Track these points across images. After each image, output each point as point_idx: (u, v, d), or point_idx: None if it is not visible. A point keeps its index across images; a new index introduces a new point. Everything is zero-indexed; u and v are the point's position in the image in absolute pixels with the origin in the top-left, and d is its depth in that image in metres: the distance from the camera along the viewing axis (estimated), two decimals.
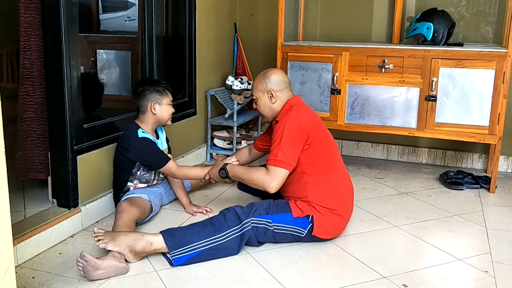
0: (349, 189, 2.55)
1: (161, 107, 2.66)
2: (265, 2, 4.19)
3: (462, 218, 2.81)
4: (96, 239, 2.12)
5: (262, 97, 2.52)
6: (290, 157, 2.30)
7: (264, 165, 2.41)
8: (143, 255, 2.21)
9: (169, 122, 2.75)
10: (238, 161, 2.68)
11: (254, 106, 2.60)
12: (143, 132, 2.63)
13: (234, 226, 2.26)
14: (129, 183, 2.67)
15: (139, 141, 2.59)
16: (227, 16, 4.14)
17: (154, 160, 2.63)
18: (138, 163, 2.64)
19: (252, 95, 2.58)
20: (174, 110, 2.75)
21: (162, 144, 2.79)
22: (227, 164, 2.51)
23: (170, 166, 2.62)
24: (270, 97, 2.49)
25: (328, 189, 2.39)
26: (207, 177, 2.58)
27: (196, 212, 2.78)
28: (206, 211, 2.78)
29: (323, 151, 2.40)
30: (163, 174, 2.77)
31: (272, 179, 2.29)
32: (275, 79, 2.49)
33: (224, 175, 2.49)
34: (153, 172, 2.72)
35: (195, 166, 2.69)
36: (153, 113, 2.65)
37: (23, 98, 2.39)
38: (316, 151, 2.37)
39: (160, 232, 2.23)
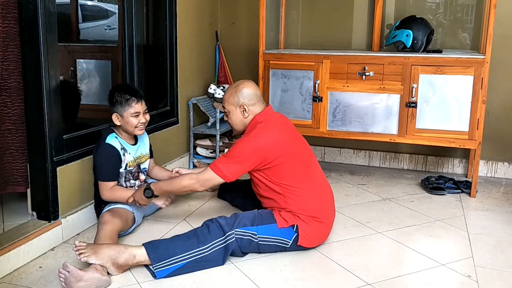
0: (329, 195, 2.55)
1: (123, 119, 2.58)
2: (246, 11, 4.20)
3: (444, 223, 2.84)
4: (77, 252, 2.09)
5: (234, 111, 2.48)
6: (230, 170, 2.31)
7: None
8: (125, 268, 2.17)
9: (139, 133, 2.64)
10: (178, 173, 2.74)
11: (225, 118, 2.55)
12: (115, 137, 2.59)
13: (218, 237, 2.24)
14: None
15: (103, 145, 2.56)
16: (208, 25, 4.14)
17: (101, 169, 2.55)
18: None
19: (223, 107, 2.53)
20: (144, 120, 2.62)
21: (140, 149, 2.74)
22: (150, 183, 2.46)
23: (107, 184, 2.53)
24: (243, 111, 2.45)
25: (308, 198, 2.39)
26: (130, 200, 2.48)
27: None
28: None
29: (293, 164, 2.38)
30: (139, 181, 2.73)
31: (201, 181, 2.34)
32: (247, 93, 2.45)
33: (150, 195, 2.42)
34: (123, 182, 2.66)
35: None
36: (117, 124, 2.61)
37: (1, 110, 2.35)
38: (285, 166, 2.36)
39: (143, 244, 2.20)
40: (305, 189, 2.39)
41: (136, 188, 2.73)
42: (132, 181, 2.70)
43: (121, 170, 2.62)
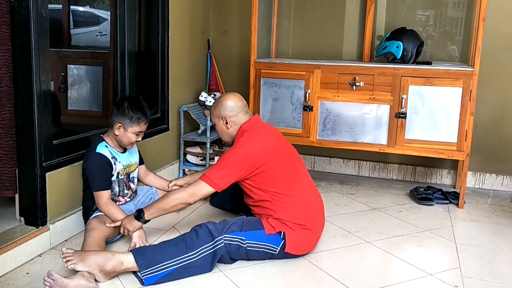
0: (318, 204, 2.56)
1: (124, 133, 2.59)
2: (238, 19, 4.22)
3: (432, 233, 2.86)
4: (64, 259, 2.07)
5: (218, 123, 2.57)
6: (221, 179, 2.33)
7: None
8: (113, 275, 2.16)
9: (129, 147, 2.68)
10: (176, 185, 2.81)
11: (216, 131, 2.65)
12: (105, 146, 2.59)
13: (207, 243, 2.24)
14: None
15: (93, 155, 2.55)
16: (200, 33, 4.15)
17: (94, 179, 2.53)
18: None
19: (211, 121, 2.60)
20: (139, 140, 2.65)
21: (129, 158, 2.73)
22: (142, 208, 2.42)
23: (103, 194, 2.51)
24: (225, 123, 2.53)
25: (295, 206, 2.40)
26: (118, 223, 2.43)
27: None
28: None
29: (281, 172, 2.41)
30: (130, 192, 2.73)
31: (193, 194, 2.33)
32: (228, 105, 2.52)
33: (141, 215, 2.38)
34: (116, 189, 2.66)
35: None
36: (115, 133, 2.61)
37: None
38: (273, 173, 2.39)
39: (130, 250, 2.19)
40: (293, 196, 2.41)
41: (128, 199, 2.73)
42: (125, 191, 2.70)
43: (113, 178, 2.61)
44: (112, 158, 2.60)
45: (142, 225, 2.43)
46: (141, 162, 2.90)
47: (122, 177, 2.67)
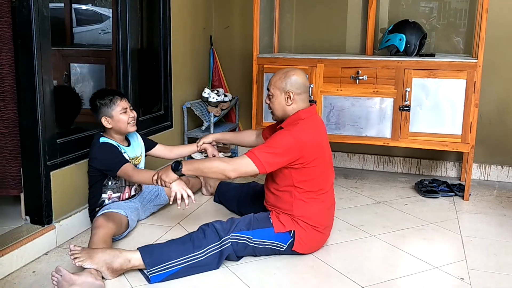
0: (333, 206, 2.54)
1: (113, 120, 2.60)
2: (240, 15, 4.21)
3: (438, 226, 2.85)
4: (72, 257, 2.08)
5: (278, 96, 2.41)
6: (268, 161, 2.22)
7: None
8: (120, 272, 2.17)
9: (132, 129, 2.66)
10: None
11: (267, 101, 2.49)
12: (106, 138, 2.62)
13: (214, 242, 2.23)
14: (103, 195, 2.64)
15: (100, 145, 2.58)
16: (202, 29, 4.15)
17: (111, 162, 2.55)
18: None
19: (267, 89, 2.46)
20: (133, 115, 2.65)
21: (134, 151, 2.75)
22: (181, 162, 2.35)
23: (126, 168, 2.53)
24: (287, 98, 2.38)
25: (314, 208, 2.37)
26: (154, 177, 2.34)
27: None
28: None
29: (317, 174, 2.35)
30: (137, 185, 2.74)
31: (236, 166, 2.21)
32: (296, 80, 2.38)
33: (178, 167, 2.27)
34: (123, 179, 2.67)
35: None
36: (108, 127, 2.62)
37: None
38: (311, 172, 2.33)
39: (138, 248, 2.19)
40: (314, 200, 2.37)
41: (134, 193, 2.75)
42: (118, 183, 2.71)
43: None
44: (118, 146, 2.63)
45: (178, 178, 2.32)
46: (153, 144, 2.92)
47: None
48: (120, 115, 2.60)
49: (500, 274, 2.28)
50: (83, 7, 4.42)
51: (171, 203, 2.36)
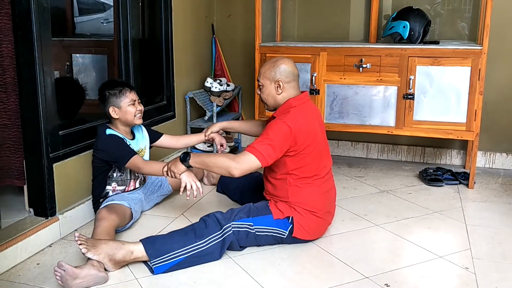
0: (333, 192, 2.54)
1: (121, 110, 2.60)
2: (242, 3, 4.17)
3: (442, 215, 2.84)
4: (78, 242, 2.08)
5: (268, 86, 2.43)
6: (269, 154, 2.23)
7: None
8: (123, 264, 2.17)
9: (138, 121, 2.66)
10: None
11: (258, 92, 2.51)
12: (112, 130, 2.62)
13: (215, 232, 2.24)
14: (107, 187, 2.64)
15: (106, 137, 2.58)
16: (204, 18, 4.11)
17: (119, 155, 2.55)
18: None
19: (257, 80, 2.49)
20: (140, 108, 2.65)
21: (139, 144, 2.74)
22: (189, 153, 2.37)
23: (135, 160, 2.54)
24: (277, 87, 2.41)
25: (309, 193, 2.38)
26: (164, 169, 2.38)
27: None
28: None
29: (311, 160, 2.36)
30: (142, 175, 2.74)
31: (240, 163, 2.21)
32: (284, 69, 2.40)
33: (186, 159, 2.31)
34: (128, 172, 2.68)
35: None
36: (115, 118, 2.61)
37: None
38: (304, 159, 2.34)
39: (140, 240, 2.20)
40: (312, 184, 2.38)
41: (138, 186, 2.76)
42: (137, 174, 2.72)
43: None
44: (123, 138, 2.63)
45: (187, 169, 2.34)
46: (158, 135, 2.92)
47: None
48: (128, 106, 2.61)
49: (505, 263, 2.27)
50: None
51: (181, 193, 2.36)
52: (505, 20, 3.53)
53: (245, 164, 2.22)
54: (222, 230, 2.24)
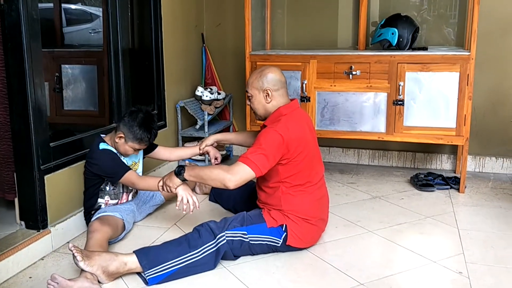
0: (325, 199, 2.55)
1: (123, 143, 2.57)
2: (232, 12, 4.18)
3: (435, 220, 2.85)
4: (74, 250, 2.06)
5: (257, 95, 2.44)
6: (262, 163, 2.23)
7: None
8: (117, 276, 2.15)
9: (124, 156, 2.65)
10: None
11: (248, 102, 2.52)
12: (106, 145, 2.60)
13: (209, 241, 2.22)
14: (99, 200, 2.62)
15: (100, 152, 2.56)
16: (194, 27, 4.12)
17: (113, 170, 2.54)
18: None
19: (246, 91, 2.50)
20: (135, 154, 2.66)
21: (132, 157, 2.72)
22: (184, 166, 2.39)
23: (130, 176, 2.53)
24: (266, 96, 2.42)
25: (302, 201, 2.38)
26: (160, 184, 2.40)
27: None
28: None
29: (303, 167, 2.36)
30: (134, 189, 2.73)
31: (234, 175, 2.19)
32: (272, 77, 2.42)
33: (181, 172, 2.31)
34: (121, 185, 2.66)
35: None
36: (115, 139, 2.59)
37: None
38: (296, 166, 2.34)
39: (133, 251, 2.18)
40: (304, 191, 2.38)
41: (131, 198, 2.74)
42: (129, 188, 2.70)
43: None
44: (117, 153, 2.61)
45: (182, 182, 2.35)
46: (153, 146, 2.88)
47: None
48: (130, 148, 2.59)
49: (498, 267, 2.28)
50: (73, 6, 4.37)
51: (177, 207, 2.36)
52: (491, 26, 3.58)
53: (239, 175, 2.20)
54: (216, 239, 2.23)
